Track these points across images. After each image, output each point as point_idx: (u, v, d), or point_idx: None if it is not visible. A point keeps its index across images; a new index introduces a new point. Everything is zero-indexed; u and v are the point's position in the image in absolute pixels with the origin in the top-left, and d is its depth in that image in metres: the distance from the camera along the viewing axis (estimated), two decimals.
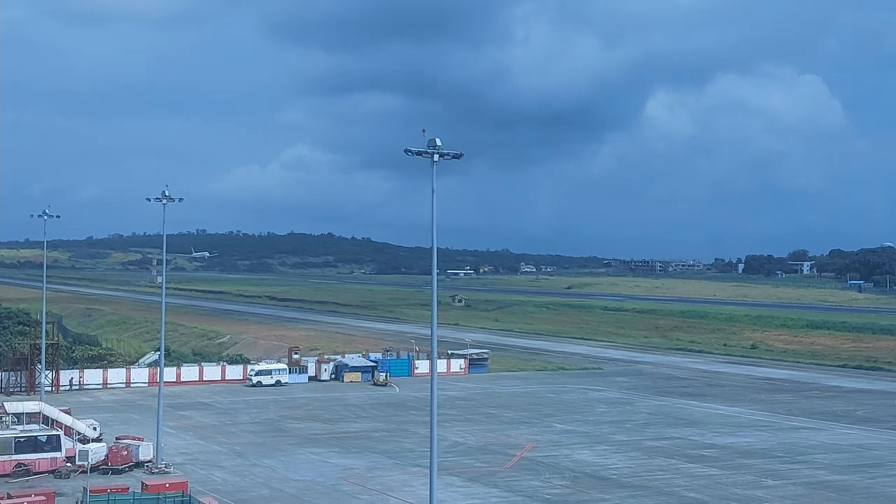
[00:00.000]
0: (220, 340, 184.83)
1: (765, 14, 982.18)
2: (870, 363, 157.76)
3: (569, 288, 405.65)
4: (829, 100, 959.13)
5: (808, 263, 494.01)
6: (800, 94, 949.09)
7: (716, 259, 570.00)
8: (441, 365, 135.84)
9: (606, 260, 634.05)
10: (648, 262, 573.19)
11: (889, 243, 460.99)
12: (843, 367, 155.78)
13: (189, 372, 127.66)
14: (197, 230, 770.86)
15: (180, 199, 79.29)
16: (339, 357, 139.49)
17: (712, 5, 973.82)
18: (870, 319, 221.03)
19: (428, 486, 48.57)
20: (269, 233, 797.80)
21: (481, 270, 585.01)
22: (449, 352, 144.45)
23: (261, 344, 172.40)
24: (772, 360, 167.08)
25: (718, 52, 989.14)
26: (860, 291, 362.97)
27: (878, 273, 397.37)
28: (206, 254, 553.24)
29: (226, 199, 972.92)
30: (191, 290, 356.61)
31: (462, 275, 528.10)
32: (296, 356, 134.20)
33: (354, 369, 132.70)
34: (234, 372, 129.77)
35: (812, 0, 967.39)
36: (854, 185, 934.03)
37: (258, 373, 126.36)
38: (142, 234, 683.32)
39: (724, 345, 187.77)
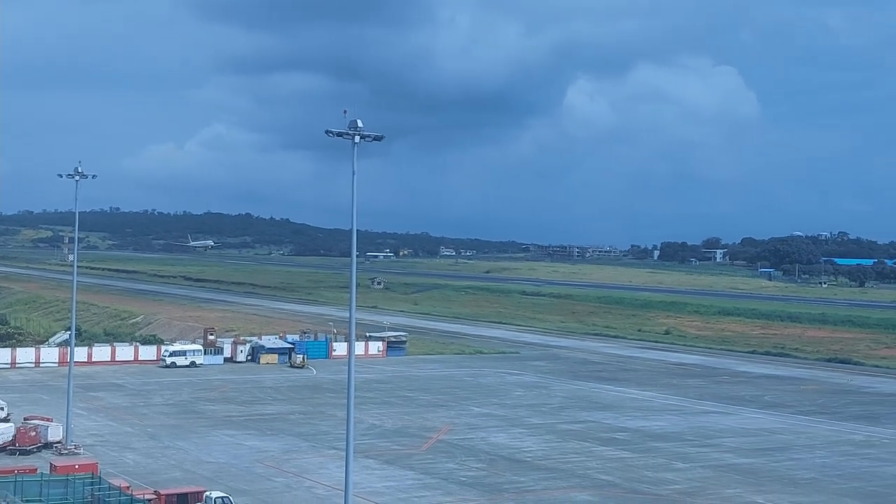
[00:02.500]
0: (134, 321, 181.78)
1: (683, 6, 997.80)
2: (777, 349, 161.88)
3: (488, 272, 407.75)
4: (744, 91, 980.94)
5: (721, 251, 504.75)
6: (715, 85, 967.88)
7: (632, 246, 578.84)
8: (359, 347, 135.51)
9: (525, 245, 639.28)
10: (566, 248, 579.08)
11: (798, 232, 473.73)
12: (752, 353, 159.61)
13: (101, 352, 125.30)
14: (111, 208, 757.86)
15: (94, 176, 77.64)
16: (255, 339, 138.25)
17: None
18: (778, 307, 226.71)
19: (344, 468, 48.43)
20: (185, 212, 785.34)
21: (401, 253, 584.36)
22: (367, 334, 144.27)
23: (175, 325, 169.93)
24: (684, 345, 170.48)
25: (638, 42, 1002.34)
26: (770, 279, 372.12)
27: (787, 262, 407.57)
28: (211, 243, 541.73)
29: (141, 177, 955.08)
30: (103, 270, 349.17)
31: (382, 257, 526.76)
32: (211, 337, 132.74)
33: (271, 351, 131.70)
34: (148, 353, 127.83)
35: None
36: (766, 175, 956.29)
37: (172, 354, 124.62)
38: (53, 210, 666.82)
39: (639, 330, 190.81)
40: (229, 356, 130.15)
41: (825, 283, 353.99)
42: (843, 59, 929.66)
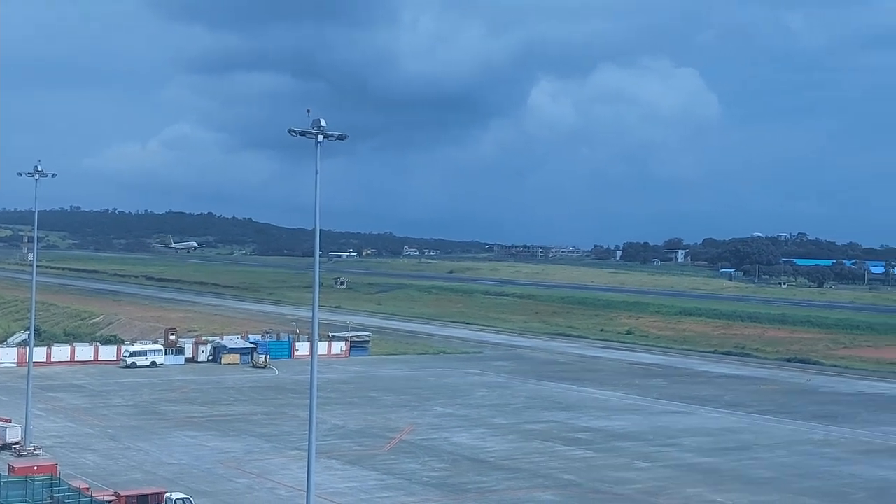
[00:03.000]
0: (94, 321, 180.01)
1: (645, 8, 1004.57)
2: (738, 349, 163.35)
3: (451, 272, 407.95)
4: (705, 93, 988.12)
5: (683, 251, 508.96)
6: (677, 87, 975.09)
7: (595, 246, 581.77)
8: (322, 347, 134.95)
9: (489, 245, 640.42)
10: (529, 248, 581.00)
11: (758, 233, 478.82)
12: (713, 352, 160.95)
13: (60, 352, 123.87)
14: (71, 207, 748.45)
15: (53, 175, 76.71)
16: (217, 339, 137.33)
17: None
18: (739, 307, 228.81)
19: (306, 469, 48.24)
20: (147, 211, 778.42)
21: (364, 253, 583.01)
22: (330, 334, 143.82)
23: (136, 325, 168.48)
24: (646, 345, 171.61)
25: (601, 44, 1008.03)
26: (731, 280, 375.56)
27: (747, 262, 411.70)
28: (195, 244, 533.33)
29: (103, 176, 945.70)
30: (63, 269, 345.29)
31: (345, 257, 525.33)
32: (172, 337, 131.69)
33: (233, 351, 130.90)
34: (108, 353, 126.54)
35: None
36: (727, 175, 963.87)
37: (133, 354, 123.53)
38: (12, 209, 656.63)
39: (602, 330, 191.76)
40: (190, 356, 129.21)
41: (785, 284, 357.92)
42: (803, 60, 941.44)
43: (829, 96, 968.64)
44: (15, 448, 71.42)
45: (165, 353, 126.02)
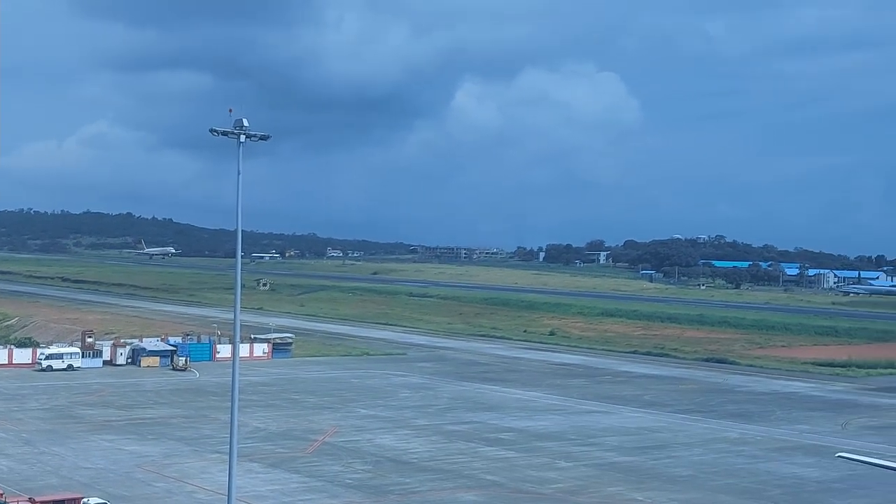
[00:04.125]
0: (8, 323, 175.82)
1: (570, 12, 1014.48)
2: (658, 350, 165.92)
3: (375, 273, 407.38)
4: (627, 98, 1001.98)
5: (605, 253, 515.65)
6: (600, 91, 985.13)
7: (518, 247, 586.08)
8: (244, 349, 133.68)
9: (413, 246, 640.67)
10: (453, 250, 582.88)
11: (678, 235, 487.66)
12: (633, 353, 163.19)
13: None
14: None
15: None
16: (136, 341, 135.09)
17: (522, 0, 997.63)
18: (659, 308, 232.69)
19: (227, 472, 47.79)
20: (63, 211, 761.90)
21: (287, 254, 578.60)
22: (252, 336, 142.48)
23: (52, 327, 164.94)
24: (568, 346, 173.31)
25: (526, 47, 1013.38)
26: (651, 281, 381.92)
27: (667, 264, 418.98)
28: (171, 250, 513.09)
29: (17, 175, 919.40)
30: None
31: (268, 259, 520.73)
32: (89, 340, 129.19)
33: (152, 353, 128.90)
34: (23, 356, 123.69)
35: (614, 0, 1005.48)
36: (648, 179, 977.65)
37: (48, 357, 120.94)
38: None
39: (525, 331, 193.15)
40: (108, 359, 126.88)
41: (703, 285, 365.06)
42: (721, 67, 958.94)
43: (744, 103, 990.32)
44: None
45: (83, 356, 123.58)
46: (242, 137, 46.73)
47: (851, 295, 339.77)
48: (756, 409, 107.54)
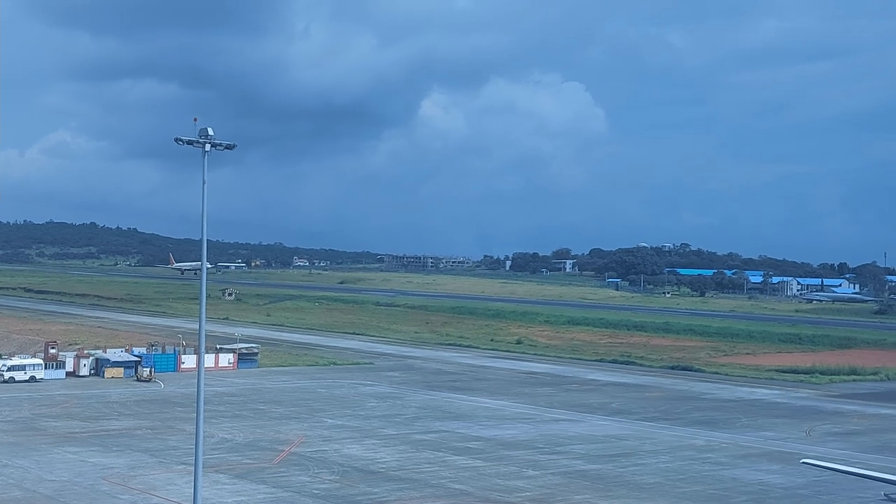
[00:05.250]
0: None
1: (536, 22, 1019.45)
2: (624, 357, 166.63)
3: (342, 283, 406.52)
4: (593, 107, 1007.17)
5: (571, 262, 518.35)
6: (566, 101, 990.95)
7: (485, 256, 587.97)
8: (209, 360, 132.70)
9: (380, 255, 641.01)
10: (420, 259, 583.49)
11: (644, 243, 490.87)
12: (600, 361, 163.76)
13: None
14: None
15: None
16: (99, 352, 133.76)
17: (487, 11, 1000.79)
18: (625, 316, 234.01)
19: (193, 483, 47.43)
20: (26, 221, 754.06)
21: (253, 264, 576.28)
22: (217, 346, 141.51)
23: (14, 338, 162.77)
24: (535, 354, 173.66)
25: (492, 57, 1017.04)
26: (617, 289, 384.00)
27: (633, 272, 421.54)
28: (209, 264, 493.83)
29: None
30: None
31: (233, 268, 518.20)
32: (53, 351, 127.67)
33: (116, 364, 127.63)
34: None
35: (579, 11, 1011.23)
36: (613, 187, 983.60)
37: (10, 368, 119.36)
38: None
39: (492, 340, 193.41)
40: (72, 370, 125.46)
41: (668, 293, 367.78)
42: (684, 77, 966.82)
43: (708, 112, 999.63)
44: None
45: (45, 367, 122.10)
46: (208, 146, 46.52)
47: (814, 302, 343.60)
48: (721, 416, 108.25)
